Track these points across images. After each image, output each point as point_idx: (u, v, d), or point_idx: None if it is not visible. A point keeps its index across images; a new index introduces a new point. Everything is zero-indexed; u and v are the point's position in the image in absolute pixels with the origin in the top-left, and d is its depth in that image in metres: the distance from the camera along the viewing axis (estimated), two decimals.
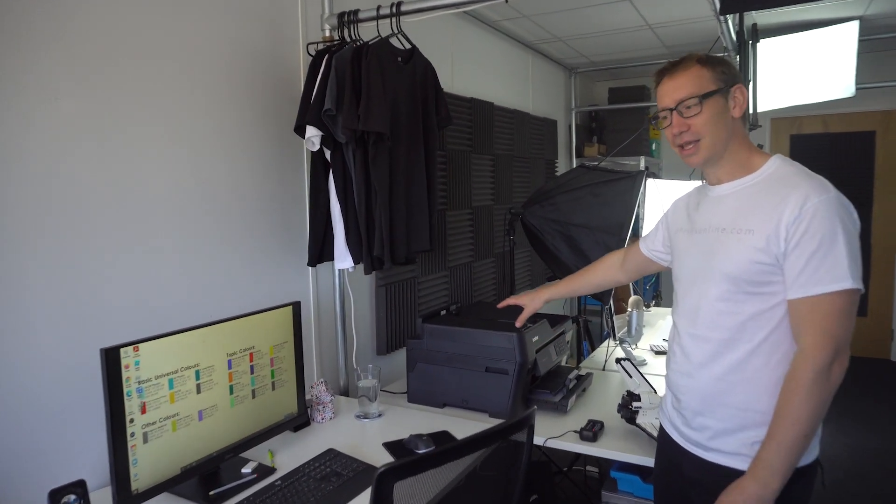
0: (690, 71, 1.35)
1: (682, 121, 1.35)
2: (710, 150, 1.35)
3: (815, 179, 1.27)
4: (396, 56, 2.02)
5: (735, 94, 1.37)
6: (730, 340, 1.32)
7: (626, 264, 1.85)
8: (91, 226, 1.55)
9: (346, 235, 2.01)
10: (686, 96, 1.33)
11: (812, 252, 1.21)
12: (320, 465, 1.62)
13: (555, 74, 4.68)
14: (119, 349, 1.31)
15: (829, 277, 1.20)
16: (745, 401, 1.31)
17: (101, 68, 1.56)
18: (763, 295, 1.28)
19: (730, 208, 1.36)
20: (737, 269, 1.29)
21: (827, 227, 1.21)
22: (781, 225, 1.24)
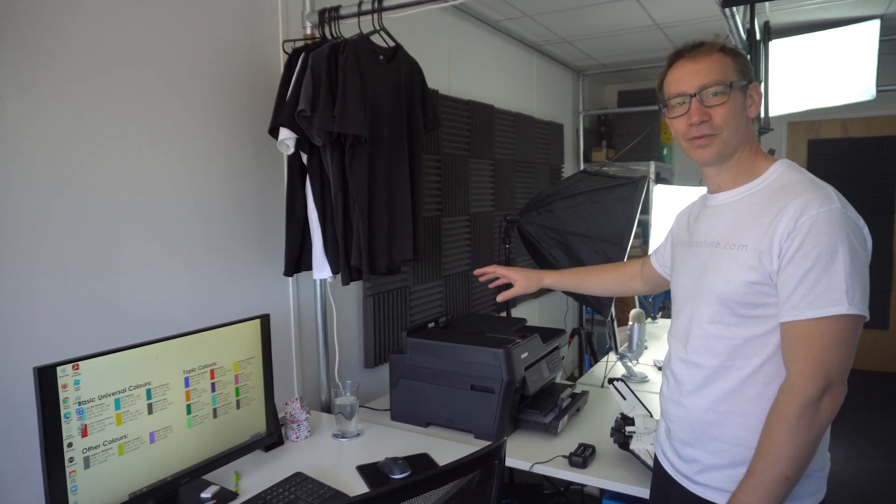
0: (714, 57, 1.20)
1: (703, 109, 1.18)
2: (725, 146, 1.20)
3: (819, 189, 1.12)
4: (378, 54, 1.92)
5: (752, 93, 1.23)
6: (721, 367, 1.19)
7: (645, 275, 1.70)
8: (47, 233, 1.46)
9: (324, 244, 1.90)
10: (712, 82, 1.17)
11: (806, 270, 1.06)
12: (284, 490, 1.50)
13: (561, 77, 4.55)
14: (55, 367, 1.21)
15: (824, 300, 1.05)
16: (738, 435, 1.18)
17: (67, 70, 1.47)
18: (758, 318, 1.15)
19: (726, 220, 1.23)
20: (728, 288, 1.16)
21: (825, 243, 1.06)
22: (775, 239, 1.10)
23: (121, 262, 1.63)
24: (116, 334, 1.60)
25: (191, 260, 1.81)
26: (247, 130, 1.96)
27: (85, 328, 1.55)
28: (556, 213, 2.53)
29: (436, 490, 1.06)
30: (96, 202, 1.57)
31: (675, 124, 1.24)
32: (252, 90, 1.97)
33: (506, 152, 3.59)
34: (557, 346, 2.19)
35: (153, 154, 1.70)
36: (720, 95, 1.18)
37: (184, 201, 1.78)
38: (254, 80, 1.98)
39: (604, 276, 1.77)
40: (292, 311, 2.15)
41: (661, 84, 1.28)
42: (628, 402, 1.72)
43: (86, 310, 1.55)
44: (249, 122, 1.96)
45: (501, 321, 2.39)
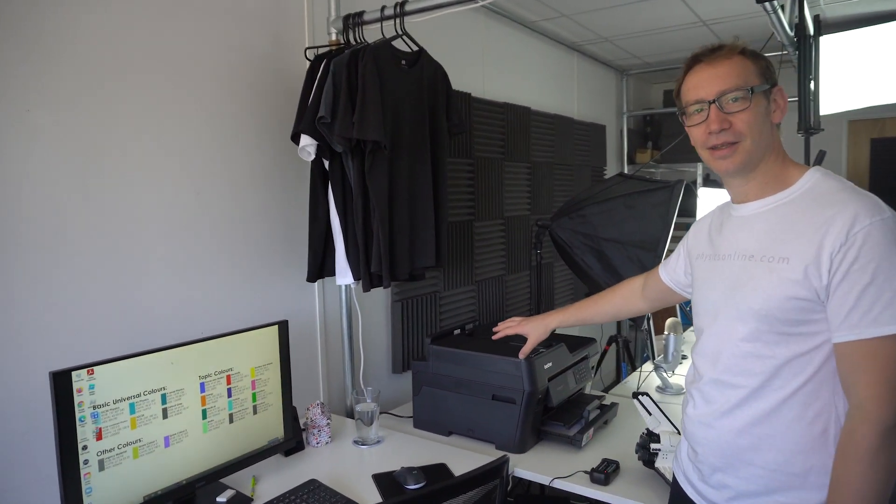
0: (734, 60, 1.13)
1: (722, 116, 1.11)
2: (748, 155, 1.12)
3: (866, 197, 1.05)
4: (400, 59, 1.90)
5: (776, 97, 1.15)
6: (759, 388, 1.11)
7: (647, 291, 1.63)
8: (70, 240, 1.51)
9: (346, 250, 1.90)
10: (731, 87, 1.10)
11: (865, 285, 0.98)
12: (297, 497, 1.50)
13: (604, 77, 4.44)
14: (70, 372, 1.24)
15: (888, 317, 0.97)
16: (774, 460, 1.10)
17: (91, 81, 1.52)
18: (800, 336, 1.06)
19: (759, 231, 1.14)
20: (768, 305, 1.07)
21: (883, 255, 0.98)
22: (824, 252, 1.02)
23: (145, 268, 1.67)
24: (140, 340, 1.63)
25: (215, 266, 1.84)
26: (272, 137, 1.98)
27: (109, 334, 1.59)
28: (589, 218, 2.46)
29: None
30: (120, 210, 1.61)
31: (694, 133, 1.17)
32: (277, 97, 1.99)
33: (544, 155, 3.52)
34: (586, 356, 2.12)
35: (177, 161, 1.74)
36: (741, 101, 1.10)
37: (208, 208, 1.81)
38: (279, 88, 1.99)
39: (602, 303, 1.74)
40: (318, 316, 2.16)
41: (679, 91, 1.21)
42: (654, 418, 1.64)
43: (110, 316, 1.59)
44: (274, 129, 1.98)
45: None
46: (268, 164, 1.98)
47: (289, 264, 2.05)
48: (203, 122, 1.79)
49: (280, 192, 2.02)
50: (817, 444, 1.06)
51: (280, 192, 2.02)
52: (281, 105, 1.99)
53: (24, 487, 1.44)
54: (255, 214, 1.95)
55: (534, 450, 1.85)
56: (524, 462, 1.77)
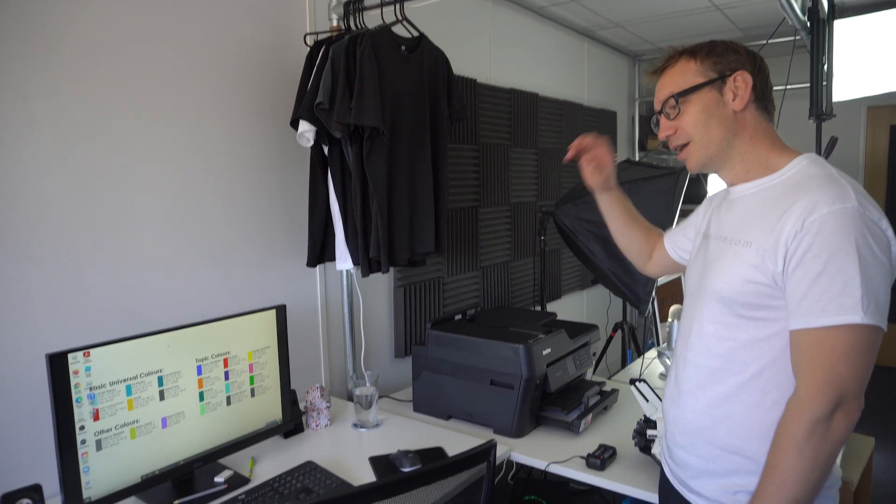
0: (675, 66, 1.17)
1: (668, 123, 1.17)
2: (702, 152, 1.15)
3: (835, 186, 1.01)
4: (400, 45, 1.89)
5: (734, 84, 1.12)
6: (718, 370, 1.12)
7: (655, 254, 1.56)
8: (72, 226, 1.53)
9: (346, 235, 1.90)
10: (665, 96, 1.17)
11: (817, 274, 0.97)
12: (293, 479, 1.52)
13: (615, 62, 4.39)
14: (66, 354, 1.27)
15: (836, 307, 0.95)
16: (731, 443, 1.11)
17: (91, 68, 1.53)
18: (758, 321, 1.07)
19: (737, 214, 1.15)
20: (727, 287, 1.09)
21: (837, 245, 0.96)
22: (781, 239, 1.01)
23: (146, 254, 1.69)
24: (141, 324, 1.66)
25: (215, 252, 1.85)
26: (272, 123, 1.98)
27: (108, 318, 1.61)
28: (593, 204, 2.42)
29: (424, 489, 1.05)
30: (119, 195, 1.63)
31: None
32: (277, 83, 1.99)
33: (551, 141, 3.49)
34: (587, 342, 2.11)
35: (176, 147, 1.75)
36: (675, 108, 1.15)
37: (208, 193, 1.83)
38: (279, 74, 2.00)
39: (636, 229, 1.55)
40: (320, 300, 2.18)
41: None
42: (651, 405, 1.63)
43: (109, 300, 1.62)
44: (274, 115, 1.98)
45: (531, 315, 2.34)
46: (268, 149, 1.98)
47: (290, 249, 2.06)
48: (202, 108, 1.80)
49: (281, 178, 2.02)
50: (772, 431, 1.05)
51: (281, 178, 2.02)
52: (281, 90, 1.99)
53: (32, 466, 1.47)
54: (256, 199, 1.96)
55: (532, 435, 1.85)
56: (522, 447, 1.78)
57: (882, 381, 4.61)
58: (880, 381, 4.60)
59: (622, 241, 1.59)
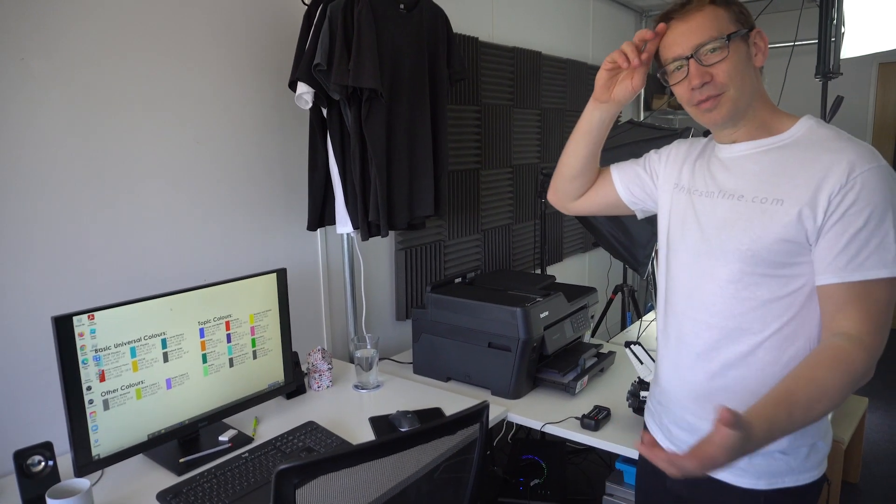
0: (705, 11, 1.09)
1: (702, 70, 1.08)
2: (734, 104, 1.10)
3: (862, 145, 1.04)
4: (398, 3, 1.86)
5: (756, 40, 1.12)
6: (737, 329, 1.11)
7: (594, 189, 1.47)
8: (73, 190, 1.54)
9: (345, 199, 1.91)
10: (707, 39, 1.07)
11: (858, 230, 0.99)
12: (295, 438, 1.57)
13: (622, 19, 4.29)
14: (72, 317, 1.29)
15: (874, 261, 0.99)
16: (746, 401, 1.09)
17: (89, 30, 1.52)
18: (783, 278, 1.07)
19: (750, 172, 1.13)
20: (758, 246, 1.07)
21: (877, 202, 0.99)
22: (822, 194, 1.01)
23: (147, 216, 1.70)
24: (144, 287, 1.68)
25: (217, 215, 1.87)
26: (272, 84, 1.96)
27: (114, 281, 1.64)
28: None
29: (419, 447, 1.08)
30: (120, 157, 1.63)
31: (678, 90, 1.14)
32: (276, 42, 1.96)
33: (554, 101, 3.45)
34: (585, 305, 2.14)
35: (176, 108, 1.74)
36: (719, 51, 1.07)
37: (208, 155, 1.83)
38: (277, 34, 1.97)
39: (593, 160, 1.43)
40: (321, 263, 2.19)
41: (656, 51, 1.18)
42: (645, 367, 1.66)
43: (114, 263, 1.64)
44: (274, 76, 1.96)
45: (530, 278, 2.36)
46: (268, 110, 1.97)
47: (291, 212, 2.07)
48: (202, 69, 1.79)
49: (281, 140, 2.02)
50: None
51: (281, 140, 2.02)
52: (280, 51, 1.97)
53: (43, 420, 1.52)
54: (257, 162, 1.96)
55: (529, 396, 1.89)
56: (518, 408, 1.82)
57: None
58: None
59: (574, 165, 1.44)
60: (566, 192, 1.50)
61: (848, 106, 4.69)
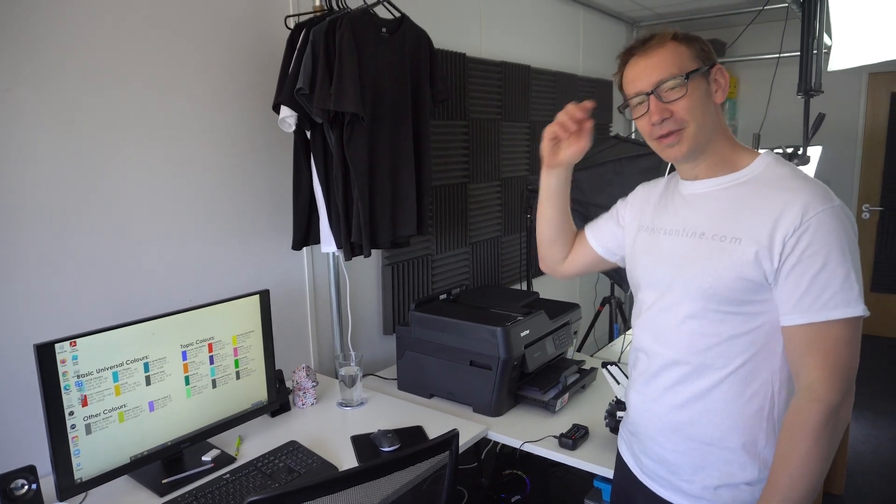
0: (666, 47, 1.13)
1: (662, 106, 1.11)
2: (694, 140, 1.12)
3: (817, 185, 1.07)
4: (380, 27, 1.89)
5: (716, 77, 1.15)
6: (701, 365, 1.14)
7: (574, 253, 1.50)
8: (57, 212, 1.57)
9: (329, 219, 1.94)
10: (667, 76, 1.10)
11: (817, 271, 1.01)
12: (276, 458, 1.59)
13: (613, 30, 4.32)
14: (53, 344, 1.32)
15: (838, 301, 1.01)
16: (712, 435, 1.14)
17: (70, 53, 1.54)
18: (745, 315, 1.10)
19: (710, 210, 1.15)
20: (717, 284, 1.10)
21: (833, 242, 1.01)
22: (777, 235, 1.04)
23: (133, 240, 1.73)
24: (130, 309, 1.71)
25: (203, 236, 1.89)
26: (257, 106, 1.99)
27: (99, 304, 1.66)
28: (579, 182, 2.45)
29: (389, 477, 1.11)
30: (105, 182, 1.66)
31: (640, 125, 1.18)
32: (262, 66, 1.99)
33: (544, 113, 3.48)
34: (567, 321, 2.16)
35: (161, 131, 1.77)
36: (678, 88, 1.10)
37: (194, 177, 1.86)
38: (263, 56, 2.00)
39: (567, 222, 1.47)
40: (307, 281, 2.22)
41: (621, 84, 1.21)
42: (621, 387, 1.69)
43: (97, 288, 1.66)
44: (259, 98, 1.99)
45: (514, 294, 2.38)
46: (254, 132, 2.00)
47: (277, 231, 2.10)
48: (187, 90, 1.82)
49: (266, 161, 2.05)
50: (752, 420, 1.11)
51: (266, 161, 2.05)
52: (266, 73, 2.00)
53: (26, 447, 1.54)
54: (242, 183, 1.99)
55: (510, 413, 1.92)
56: (499, 425, 1.84)
57: (866, 350, 4.67)
58: (863, 351, 4.66)
59: (548, 231, 1.47)
60: (551, 257, 1.53)
61: (838, 116, 4.73)
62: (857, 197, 4.84)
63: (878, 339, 4.78)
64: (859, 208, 4.83)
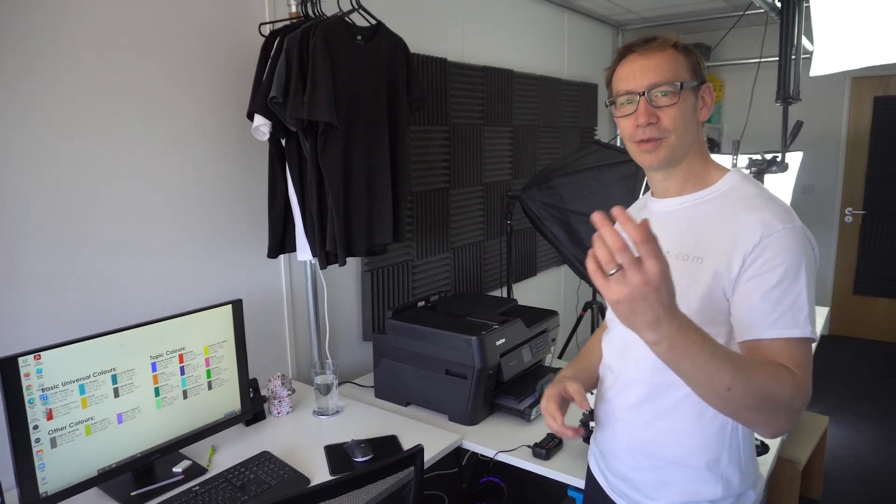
0: (666, 53, 1.11)
1: (651, 110, 1.10)
2: (672, 151, 1.12)
3: (779, 204, 1.07)
4: (355, 35, 1.88)
5: (704, 95, 1.15)
6: (663, 384, 1.13)
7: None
8: (28, 222, 1.55)
9: (304, 227, 1.93)
10: (662, 81, 1.09)
11: (770, 288, 1.00)
12: (247, 470, 1.58)
13: (597, 33, 4.33)
14: (17, 358, 1.31)
15: (788, 320, 0.99)
16: (675, 455, 1.14)
17: (43, 59, 1.53)
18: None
19: (676, 228, 1.15)
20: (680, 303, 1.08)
21: (791, 261, 1.00)
22: (736, 253, 1.04)
23: (107, 249, 1.71)
24: (103, 320, 1.69)
25: (178, 244, 1.88)
26: (232, 113, 1.98)
27: (69, 315, 1.65)
28: (558, 189, 2.46)
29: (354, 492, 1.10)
30: (74, 191, 1.64)
31: (622, 124, 1.16)
32: (236, 72, 1.98)
33: (527, 118, 3.48)
34: (545, 329, 2.16)
35: (132, 140, 1.75)
36: (670, 96, 1.09)
37: (166, 187, 1.84)
38: (238, 62, 1.98)
39: (593, 356, 1.43)
40: (285, 289, 2.21)
41: (610, 79, 1.19)
42: (594, 397, 1.69)
43: (70, 297, 1.65)
44: (233, 106, 1.98)
45: (492, 301, 2.38)
46: (228, 140, 1.99)
47: (253, 240, 2.09)
48: (160, 99, 1.80)
49: (241, 169, 2.03)
50: (715, 439, 1.11)
51: (241, 169, 2.03)
52: (241, 81, 1.98)
53: None
54: (217, 191, 1.97)
55: (486, 422, 1.92)
56: (474, 434, 1.84)
57: (848, 353, 4.71)
58: (845, 354, 4.70)
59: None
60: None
61: (821, 120, 4.76)
62: (841, 200, 4.87)
63: (860, 342, 4.82)
64: (842, 212, 4.87)
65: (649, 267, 0.78)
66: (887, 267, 4.76)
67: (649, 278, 0.78)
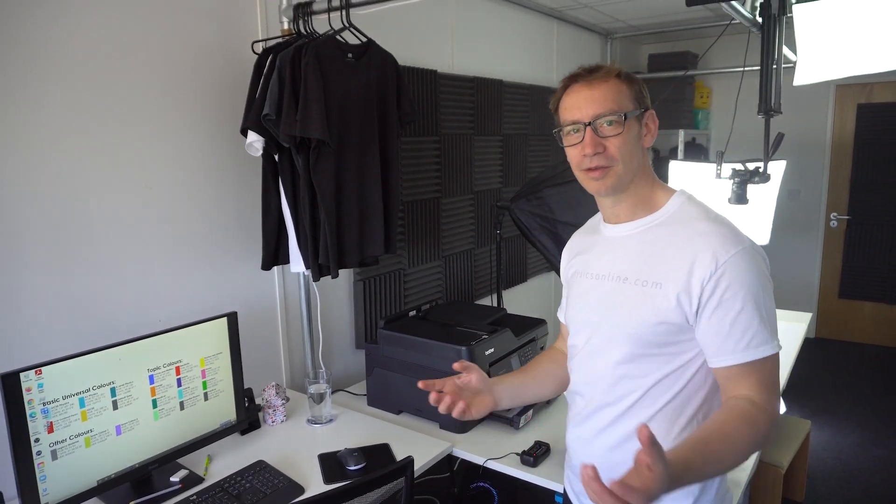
0: (610, 83, 1.15)
1: (597, 140, 1.13)
2: (618, 178, 1.15)
3: (726, 227, 1.12)
4: (346, 53, 1.93)
5: (647, 122, 1.19)
6: (631, 406, 1.18)
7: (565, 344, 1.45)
8: (23, 236, 1.59)
9: (297, 240, 1.97)
10: (606, 111, 1.12)
11: (738, 313, 1.07)
12: (243, 479, 1.63)
13: (587, 42, 4.39)
14: (18, 374, 1.35)
15: (759, 340, 1.07)
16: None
17: (38, 68, 1.57)
18: (668, 355, 1.15)
19: (632, 253, 1.19)
20: (641, 328, 1.14)
21: (749, 283, 1.07)
22: (693, 280, 1.09)
23: (103, 263, 1.75)
24: (100, 333, 1.73)
25: (174, 258, 1.92)
26: (226, 128, 2.02)
27: (67, 329, 1.69)
28: (546, 199, 2.51)
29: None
30: (70, 205, 1.68)
31: (570, 153, 1.19)
32: (230, 89, 2.02)
33: (516, 127, 3.53)
34: (534, 338, 2.21)
35: (127, 154, 1.79)
36: (615, 125, 1.13)
37: (161, 201, 1.88)
38: (232, 79, 2.03)
39: (534, 374, 1.48)
40: (279, 300, 2.25)
41: (557, 107, 1.22)
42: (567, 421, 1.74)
43: (67, 311, 1.69)
44: (228, 121, 2.02)
45: (482, 311, 2.43)
46: (222, 155, 2.03)
47: (247, 252, 2.13)
48: (155, 115, 1.84)
49: (235, 183, 2.08)
50: None
51: (235, 183, 2.08)
52: (234, 97, 2.03)
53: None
54: (212, 205, 2.01)
55: (476, 430, 1.97)
56: (464, 442, 1.89)
57: (833, 356, 4.78)
58: (830, 357, 4.77)
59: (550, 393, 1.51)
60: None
61: (806, 126, 4.84)
62: (826, 206, 4.95)
63: (844, 345, 4.90)
64: (827, 217, 4.95)
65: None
66: (871, 271, 4.85)
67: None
